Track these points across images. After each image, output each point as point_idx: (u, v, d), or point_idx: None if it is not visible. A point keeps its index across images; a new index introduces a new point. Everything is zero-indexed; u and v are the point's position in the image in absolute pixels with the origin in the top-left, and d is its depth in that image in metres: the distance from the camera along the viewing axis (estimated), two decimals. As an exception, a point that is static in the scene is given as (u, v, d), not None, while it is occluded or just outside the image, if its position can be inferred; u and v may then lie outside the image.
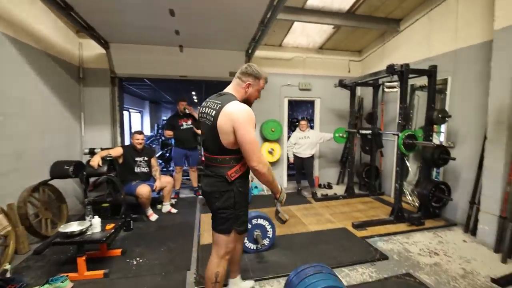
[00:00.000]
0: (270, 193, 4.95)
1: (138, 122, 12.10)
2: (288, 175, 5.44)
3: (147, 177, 3.64)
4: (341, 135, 4.62)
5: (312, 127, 5.89)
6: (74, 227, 2.17)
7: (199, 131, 4.31)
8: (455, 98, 3.41)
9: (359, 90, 5.28)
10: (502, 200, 2.58)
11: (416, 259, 2.44)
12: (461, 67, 3.31)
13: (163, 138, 8.09)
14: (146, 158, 3.66)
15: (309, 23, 4.21)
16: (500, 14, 2.63)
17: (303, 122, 4.52)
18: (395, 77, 3.16)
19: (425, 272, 2.22)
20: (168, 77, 4.67)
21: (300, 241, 2.90)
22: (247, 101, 1.54)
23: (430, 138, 3.29)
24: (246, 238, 2.55)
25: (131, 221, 3.12)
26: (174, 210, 3.81)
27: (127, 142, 5.33)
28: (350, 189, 4.43)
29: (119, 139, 4.60)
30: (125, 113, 9.58)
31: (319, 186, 5.27)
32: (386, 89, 3.01)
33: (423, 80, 3.62)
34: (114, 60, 4.25)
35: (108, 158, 3.16)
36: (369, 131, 4.10)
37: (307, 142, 4.46)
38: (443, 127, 3.79)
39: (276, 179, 1.53)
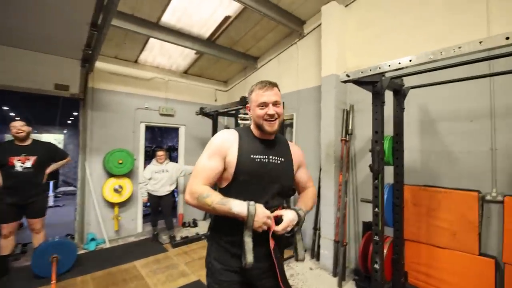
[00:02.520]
0: (114, 244, 3.80)
1: None
2: (145, 216, 4.46)
3: None
4: (203, 166, 4.28)
5: (173, 158, 5.32)
6: None
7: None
8: (299, 132, 3.83)
9: (226, 120, 5.27)
10: (335, 225, 2.88)
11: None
12: (302, 105, 3.78)
13: None
14: None
15: (168, 43, 3.79)
16: (325, 65, 3.16)
17: (160, 153, 3.85)
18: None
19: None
20: None
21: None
22: (260, 125, 1.20)
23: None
24: None
25: None
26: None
27: None
28: (214, 226, 4.03)
29: None
30: None
31: (183, 224, 4.61)
32: (239, 121, 2.93)
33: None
34: None
35: None
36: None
37: (166, 176, 3.79)
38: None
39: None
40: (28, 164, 2.78)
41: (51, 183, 7.12)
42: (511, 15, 2.02)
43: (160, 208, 3.86)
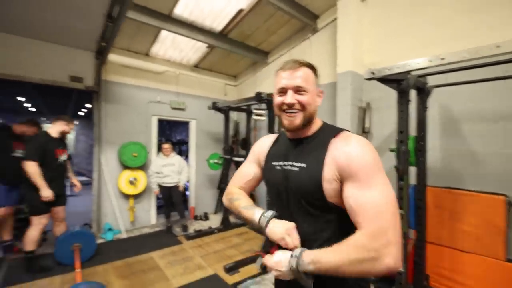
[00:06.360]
0: (130, 235, 3.89)
1: None
2: (158, 207, 4.52)
3: None
4: (216, 161, 4.29)
5: (183, 151, 5.34)
6: None
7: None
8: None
9: (236, 115, 5.25)
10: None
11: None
12: (316, 101, 3.73)
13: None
14: None
15: (180, 36, 3.75)
16: (340, 61, 3.10)
17: (166, 146, 3.85)
18: (264, 105, 3.16)
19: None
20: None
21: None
22: (280, 119, 0.96)
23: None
24: None
25: None
26: None
27: None
28: (226, 220, 4.09)
29: None
30: None
31: (195, 218, 4.67)
32: (254, 117, 2.92)
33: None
34: None
35: None
36: (243, 159, 3.92)
37: (172, 170, 3.83)
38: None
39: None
40: (65, 156, 2.91)
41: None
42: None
43: (173, 200, 3.90)
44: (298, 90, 0.87)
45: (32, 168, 2.56)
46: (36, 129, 3.11)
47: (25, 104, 7.14)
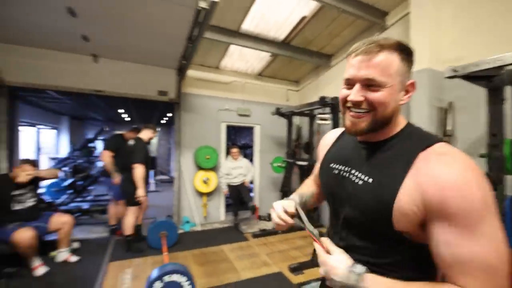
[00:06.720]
0: (204, 228, 4.48)
1: (53, 141, 10.08)
2: (228, 205, 4.94)
3: (34, 215, 2.76)
4: (279, 164, 4.45)
5: (247, 155, 5.65)
6: None
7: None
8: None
9: (298, 119, 5.32)
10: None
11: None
12: (385, 103, 3.52)
13: (79, 161, 6.70)
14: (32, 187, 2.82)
15: (246, 48, 4.07)
16: (415, 58, 2.86)
17: (234, 150, 4.20)
18: (328, 109, 3.16)
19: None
20: (79, 91, 3.85)
21: (229, 296, 2.42)
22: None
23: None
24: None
25: (3, 280, 2.22)
26: (74, 258, 2.93)
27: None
28: (289, 222, 4.18)
29: (3, 165, 3.49)
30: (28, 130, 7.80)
31: (259, 218, 4.90)
32: (318, 121, 2.96)
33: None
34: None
35: None
36: (306, 162, 3.99)
37: (239, 172, 4.19)
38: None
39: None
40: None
41: (151, 173, 8.47)
42: None
43: (241, 197, 4.22)
44: (369, 84, 0.65)
45: (141, 170, 3.16)
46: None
47: (122, 115, 8.80)
